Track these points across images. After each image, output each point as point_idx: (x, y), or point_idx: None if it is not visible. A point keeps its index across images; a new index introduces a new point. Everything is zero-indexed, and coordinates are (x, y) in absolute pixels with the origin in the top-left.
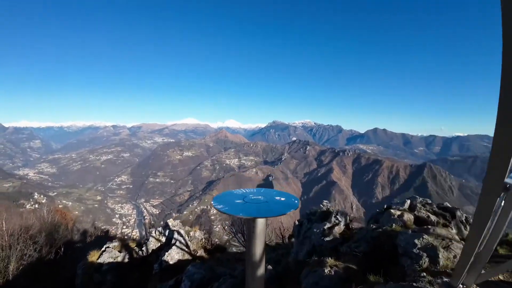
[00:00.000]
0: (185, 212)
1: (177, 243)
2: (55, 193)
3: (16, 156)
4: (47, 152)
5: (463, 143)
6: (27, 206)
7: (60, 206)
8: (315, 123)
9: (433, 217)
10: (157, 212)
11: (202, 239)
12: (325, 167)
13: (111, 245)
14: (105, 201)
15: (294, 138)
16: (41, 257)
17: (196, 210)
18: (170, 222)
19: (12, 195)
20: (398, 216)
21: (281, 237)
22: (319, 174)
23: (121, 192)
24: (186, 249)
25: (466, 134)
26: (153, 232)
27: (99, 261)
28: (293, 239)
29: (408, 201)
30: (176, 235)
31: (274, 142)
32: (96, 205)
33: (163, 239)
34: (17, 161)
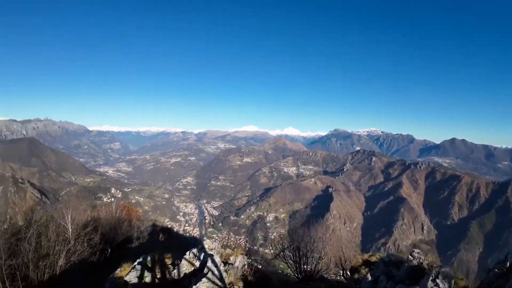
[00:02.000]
0: (242, 216)
1: (209, 274)
2: (130, 189)
3: (98, 156)
4: (125, 153)
5: None
6: (104, 199)
7: (133, 201)
8: (382, 132)
9: None
10: (217, 214)
11: (244, 265)
12: (393, 181)
13: (143, 260)
14: (172, 199)
15: (358, 148)
16: (93, 255)
17: (253, 215)
18: (207, 244)
19: (92, 189)
20: None
21: (341, 269)
22: (385, 189)
23: (186, 192)
24: (220, 283)
25: None
26: (187, 254)
27: (126, 278)
28: (356, 275)
29: None
30: (209, 263)
31: (335, 151)
32: (164, 202)
33: (197, 264)
34: (98, 160)
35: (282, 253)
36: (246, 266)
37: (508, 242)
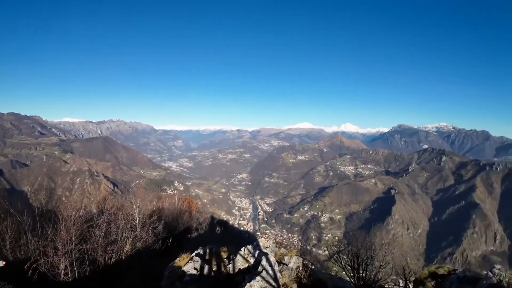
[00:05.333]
0: (295, 215)
1: (263, 273)
2: (190, 183)
3: (163, 152)
4: (187, 150)
5: None
6: (168, 191)
7: (193, 193)
8: (453, 128)
9: None
10: (270, 210)
11: (298, 267)
12: (465, 183)
13: (201, 251)
14: (228, 194)
15: (426, 146)
16: (156, 242)
17: (306, 214)
18: (262, 241)
19: (158, 181)
20: None
21: (404, 280)
22: (456, 192)
23: (241, 187)
24: (274, 283)
25: None
26: (242, 250)
27: (184, 268)
28: None
29: None
30: (264, 262)
31: (399, 149)
32: (221, 196)
33: (251, 260)
34: (164, 156)
35: (337, 256)
36: (300, 268)
37: None
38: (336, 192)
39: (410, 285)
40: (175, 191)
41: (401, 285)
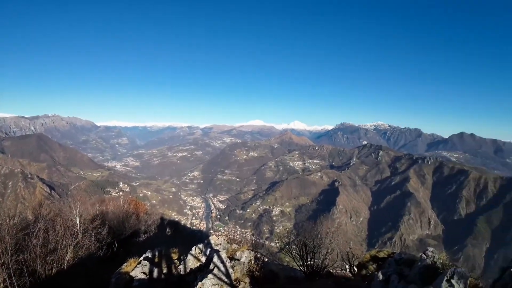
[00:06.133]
0: (248, 210)
1: (215, 270)
2: (137, 183)
3: (105, 151)
4: (132, 148)
5: None
6: (113, 193)
7: (140, 195)
8: (389, 126)
9: None
10: (223, 207)
11: (250, 261)
12: (400, 175)
13: (149, 254)
14: (179, 193)
15: (365, 142)
16: (100, 249)
17: (259, 209)
18: (213, 239)
19: (100, 183)
20: None
21: (348, 265)
22: (392, 183)
23: (193, 186)
24: (226, 279)
25: None
26: (193, 249)
27: (132, 274)
28: (364, 271)
29: None
30: (215, 259)
31: (342, 145)
32: (171, 196)
33: (203, 259)
34: (106, 155)
35: (287, 246)
36: (252, 262)
37: None
38: (286, 186)
39: (354, 269)
40: (120, 193)
41: (347, 269)
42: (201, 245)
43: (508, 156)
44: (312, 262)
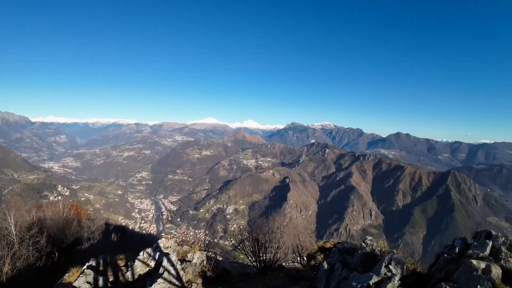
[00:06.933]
0: (201, 210)
1: (165, 274)
2: (78, 186)
3: (42, 150)
4: (72, 147)
5: (489, 151)
6: (51, 198)
7: (82, 199)
8: (335, 126)
9: None
10: (175, 209)
11: (203, 261)
12: (344, 171)
13: (93, 262)
14: (126, 196)
15: (313, 141)
16: (40, 259)
17: (212, 208)
18: (162, 242)
19: (37, 186)
20: (483, 270)
21: (298, 257)
22: (337, 178)
23: (141, 187)
24: (177, 282)
25: (492, 142)
26: (141, 254)
27: (75, 284)
28: (313, 262)
29: (490, 244)
30: (165, 262)
31: (292, 144)
32: (117, 199)
33: (152, 264)
34: (42, 155)
35: (241, 244)
36: (205, 262)
37: (449, 226)
38: (239, 184)
39: (304, 260)
40: (59, 197)
41: (298, 261)
42: (149, 249)
43: (440, 153)
44: (264, 257)
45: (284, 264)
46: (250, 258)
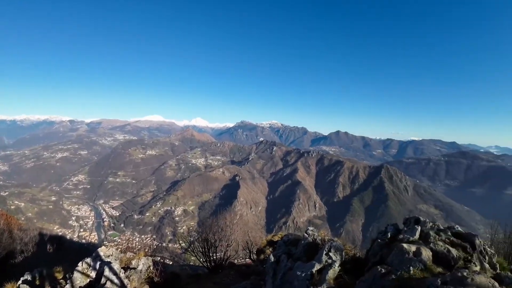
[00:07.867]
0: (147, 214)
1: (108, 284)
2: (7, 192)
3: None
4: None
5: (417, 147)
6: None
7: (12, 207)
8: (282, 124)
9: (453, 251)
10: (117, 214)
11: (149, 267)
12: (290, 167)
13: (29, 277)
14: (61, 202)
15: (262, 139)
16: None
17: (159, 211)
18: (102, 251)
19: None
20: (414, 253)
21: (249, 252)
22: (284, 174)
23: (78, 192)
24: None
25: (420, 139)
26: (80, 265)
27: None
28: (262, 256)
29: (419, 229)
30: (107, 272)
31: (242, 142)
32: (51, 207)
33: (93, 274)
34: None
35: (191, 246)
36: (151, 268)
37: (384, 214)
38: (188, 184)
39: (254, 255)
40: None
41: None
42: (88, 259)
43: (374, 149)
44: (214, 257)
45: (235, 261)
46: (199, 259)
